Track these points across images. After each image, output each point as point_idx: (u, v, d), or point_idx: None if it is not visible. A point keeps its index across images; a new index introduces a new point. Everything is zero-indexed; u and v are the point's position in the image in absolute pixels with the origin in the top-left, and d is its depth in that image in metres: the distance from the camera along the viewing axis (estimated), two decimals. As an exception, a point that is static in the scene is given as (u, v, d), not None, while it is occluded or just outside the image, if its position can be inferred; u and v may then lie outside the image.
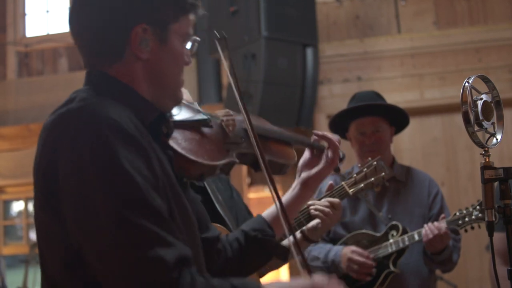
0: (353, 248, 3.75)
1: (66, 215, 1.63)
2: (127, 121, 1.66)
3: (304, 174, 2.39)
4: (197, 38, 1.94)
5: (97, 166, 1.58)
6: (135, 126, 1.68)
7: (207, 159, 1.91)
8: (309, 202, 2.93)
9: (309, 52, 5.89)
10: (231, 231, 2.87)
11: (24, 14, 7.68)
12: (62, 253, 1.67)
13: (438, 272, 5.28)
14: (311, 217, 2.90)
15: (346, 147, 3.97)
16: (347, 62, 6.51)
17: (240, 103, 1.97)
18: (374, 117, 3.94)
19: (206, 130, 2.03)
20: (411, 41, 6.49)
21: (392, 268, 3.73)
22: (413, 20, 6.61)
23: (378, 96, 4.06)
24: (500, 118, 2.21)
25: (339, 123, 4.08)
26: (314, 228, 2.91)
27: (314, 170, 2.38)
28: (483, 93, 2.19)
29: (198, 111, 2.07)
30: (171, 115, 1.97)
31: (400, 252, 3.75)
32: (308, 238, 2.95)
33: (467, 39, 6.41)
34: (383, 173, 2.91)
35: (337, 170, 2.50)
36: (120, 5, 1.81)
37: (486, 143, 2.16)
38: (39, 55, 7.35)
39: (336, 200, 2.87)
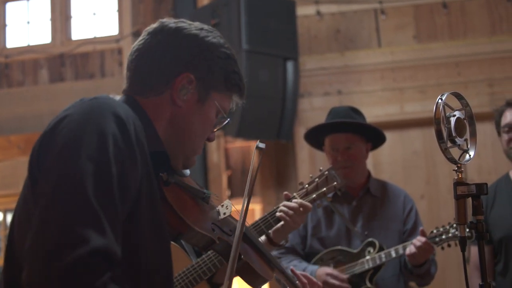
0: (329, 270, 3.75)
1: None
2: (130, 122, 1.68)
3: None
4: (227, 121, 2.01)
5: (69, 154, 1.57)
6: (137, 133, 1.69)
7: (191, 221, 1.89)
8: (279, 204, 2.95)
9: (290, 65, 5.92)
10: (183, 246, 2.88)
11: (4, 25, 7.66)
12: None
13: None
14: (278, 220, 2.91)
15: (323, 159, 3.99)
16: (328, 75, 6.53)
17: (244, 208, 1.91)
18: (347, 134, 3.92)
19: (201, 203, 2.02)
20: (391, 55, 6.52)
21: (368, 284, 3.74)
22: (394, 34, 6.65)
23: (354, 111, 4.05)
24: (473, 135, 2.23)
25: (316, 136, 4.08)
26: (277, 230, 2.92)
27: None
28: (456, 110, 2.21)
29: (200, 186, 2.07)
30: (180, 173, 1.99)
31: (376, 269, 3.76)
32: (272, 241, 2.95)
33: (447, 53, 6.45)
34: (335, 183, 2.93)
35: None
36: (184, 50, 1.91)
37: (459, 159, 2.17)
38: (19, 66, 7.33)
39: (304, 202, 2.88)
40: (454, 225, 3.56)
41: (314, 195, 2.95)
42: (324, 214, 3.96)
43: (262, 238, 2.96)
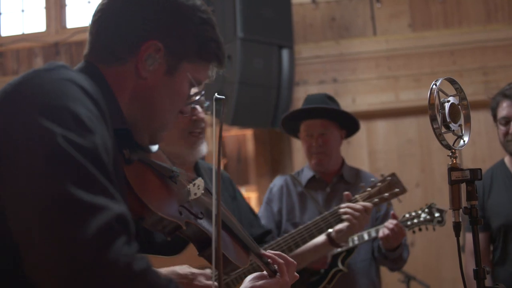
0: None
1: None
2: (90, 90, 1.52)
3: (248, 284, 2.14)
4: (202, 95, 1.82)
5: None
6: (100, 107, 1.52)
7: (153, 204, 1.69)
8: (341, 205, 2.93)
9: (285, 53, 5.91)
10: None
11: None
12: None
13: (411, 272, 5.33)
14: (341, 220, 2.89)
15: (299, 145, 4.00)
16: (323, 63, 6.53)
17: (215, 181, 1.72)
18: (322, 120, 3.92)
19: (169, 182, 1.82)
20: (386, 43, 6.53)
21: (340, 266, 3.76)
22: (389, 22, 6.66)
23: (329, 99, 4.06)
24: (467, 120, 2.23)
25: (292, 123, 4.09)
26: (341, 231, 2.90)
27: (260, 282, 2.13)
28: (451, 96, 2.21)
29: (172, 164, 1.89)
30: (147, 149, 1.80)
31: (349, 252, 3.79)
32: (334, 241, 2.96)
33: (442, 41, 6.46)
34: (397, 189, 2.89)
35: None
36: (151, 13, 1.70)
37: (453, 145, 2.18)
38: (14, 55, 7.31)
39: (369, 204, 2.87)
40: (426, 210, 3.61)
41: (376, 199, 2.93)
42: (299, 200, 3.99)
43: (322, 237, 2.95)
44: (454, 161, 2.16)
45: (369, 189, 2.98)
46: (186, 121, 2.88)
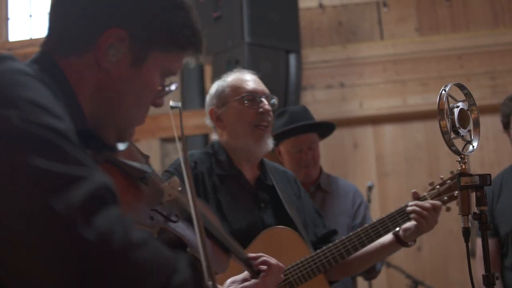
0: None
1: None
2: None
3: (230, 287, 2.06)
4: (174, 86, 1.62)
5: None
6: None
7: None
8: (410, 203, 2.88)
9: (292, 58, 5.91)
10: (300, 233, 2.87)
11: (7, 18, 7.65)
12: None
13: (418, 276, 5.33)
14: (408, 218, 2.84)
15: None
16: (330, 68, 6.54)
17: (186, 180, 1.62)
18: (309, 134, 3.99)
19: (139, 184, 1.65)
20: (393, 47, 6.53)
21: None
22: (396, 26, 6.66)
23: (307, 111, 4.13)
24: (477, 126, 2.24)
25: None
26: (408, 229, 2.84)
27: (242, 285, 2.07)
28: (460, 101, 2.21)
29: (146, 162, 1.74)
30: (113, 148, 1.59)
31: None
32: (401, 240, 2.88)
33: (449, 45, 6.46)
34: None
35: None
36: (112, 0, 1.51)
37: (462, 150, 2.18)
38: (22, 60, 7.32)
39: (438, 202, 2.79)
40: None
41: (445, 197, 2.86)
42: None
43: (389, 236, 2.90)
44: (464, 167, 2.17)
45: (438, 186, 2.88)
46: (252, 114, 2.87)
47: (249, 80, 2.98)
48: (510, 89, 4.30)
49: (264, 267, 2.13)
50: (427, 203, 2.82)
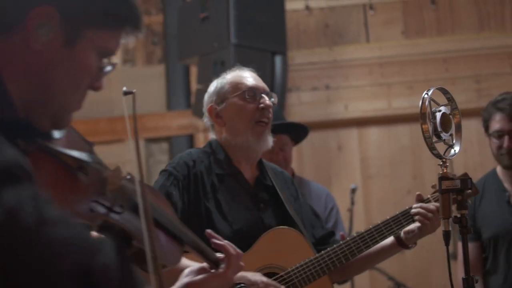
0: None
1: None
2: None
3: (186, 279, 1.95)
4: (111, 67, 1.53)
5: None
6: None
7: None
8: (414, 205, 2.82)
9: (278, 59, 5.92)
10: (302, 233, 2.86)
11: None
12: None
13: (401, 278, 5.34)
14: (412, 220, 2.80)
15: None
16: (316, 70, 6.54)
17: (137, 167, 1.56)
18: (281, 136, 3.94)
19: (78, 174, 1.52)
20: (379, 50, 6.54)
21: None
22: (382, 29, 6.67)
23: (280, 111, 4.12)
24: (459, 130, 2.25)
25: None
26: (411, 231, 2.81)
27: (199, 277, 1.95)
28: (442, 105, 2.23)
29: (89, 150, 1.62)
30: (48, 136, 1.48)
31: None
32: (402, 242, 2.85)
33: (435, 49, 6.49)
34: (470, 190, 2.77)
35: None
36: None
37: (444, 154, 2.20)
38: None
39: None
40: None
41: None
42: None
43: (390, 238, 2.87)
44: (445, 170, 2.19)
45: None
46: (252, 110, 2.85)
47: (249, 76, 2.96)
48: (495, 92, 4.31)
49: (221, 256, 2.02)
50: (432, 205, 2.80)
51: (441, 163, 2.19)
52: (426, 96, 2.15)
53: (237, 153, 2.90)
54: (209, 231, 2.12)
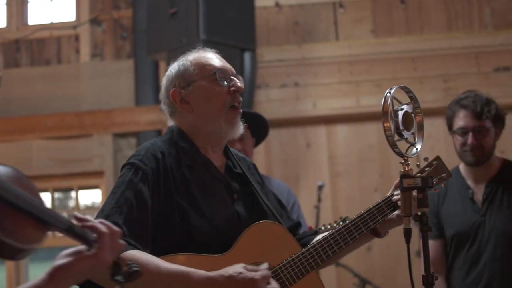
0: None
1: None
2: None
3: (58, 262, 1.72)
4: None
5: None
6: None
7: None
8: (394, 192, 2.71)
9: (247, 56, 5.93)
10: (278, 220, 2.69)
11: (26, 1, 7.43)
12: None
13: (368, 275, 5.38)
14: (394, 208, 2.66)
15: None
16: (285, 67, 6.55)
17: None
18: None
19: None
20: (348, 48, 6.57)
21: None
22: (351, 27, 6.70)
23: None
24: (421, 129, 2.27)
25: None
26: (390, 219, 2.69)
27: (67, 260, 1.71)
28: (404, 104, 2.25)
29: None
30: None
31: None
32: (376, 231, 2.73)
33: (404, 48, 6.52)
34: (444, 174, 2.71)
35: None
36: None
37: (406, 152, 2.21)
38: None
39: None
40: (340, 223, 3.33)
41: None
42: None
43: None
44: (406, 168, 2.21)
45: (418, 175, 2.79)
46: (224, 93, 2.62)
47: (215, 57, 2.72)
48: (462, 92, 4.34)
49: (95, 235, 1.78)
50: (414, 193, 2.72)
51: (403, 161, 2.21)
52: (388, 94, 2.16)
53: (204, 141, 2.66)
54: (76, 214, 1.82)
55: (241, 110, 2.67)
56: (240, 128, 2.67)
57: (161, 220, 2.41)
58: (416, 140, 2.25)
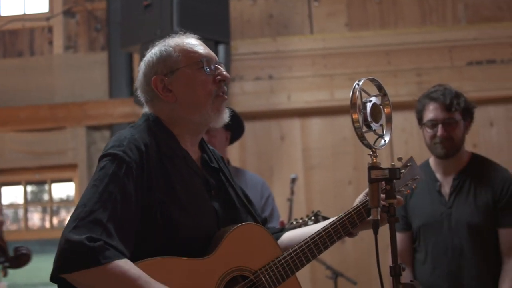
0: None
1: None
2: None
3: None
4: None
5: None
6: None
7: None
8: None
9: (221, 49, 5.91)
10: (252, 217, 2.64)
11: None
12: None
13: (341, 269, 5.40)
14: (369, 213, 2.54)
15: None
16: (260, 60, 6.55)
17: None
18: None
19: None
20: (323, 42, 6.58)
21: None
22: (326, 21, 6.71)
23: None
24: (389, 120, 2.28)
25: None
26: (367, 221, 2.60)
27: None
28: (373, 95, 2.26)
29: None
30: None
31: None
32: (350, 232, 2.64)
33: (378, 41, 6.55)
34: (417, 177, 2.68)
35: None
36: None
37: (374, 144, 2.22)
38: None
39: (400, 198, 2.54)
40: (312, 218, 3.45)
41: (402, 188, 2.70)
42: None
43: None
44: (374, 160, 2.21)
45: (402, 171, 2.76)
46: (210, 82, 2.52)
47: (199, 44, 2.58)
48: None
49: None
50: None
51: (371, 152, 2.22)
52: (357, 86, 2.17)
53: (185, 130, 2.55)
54: None
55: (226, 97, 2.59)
56: (226, 115, 2.57)
57: (143, 216, 2.31)
58: (384, 132, 2.26)
